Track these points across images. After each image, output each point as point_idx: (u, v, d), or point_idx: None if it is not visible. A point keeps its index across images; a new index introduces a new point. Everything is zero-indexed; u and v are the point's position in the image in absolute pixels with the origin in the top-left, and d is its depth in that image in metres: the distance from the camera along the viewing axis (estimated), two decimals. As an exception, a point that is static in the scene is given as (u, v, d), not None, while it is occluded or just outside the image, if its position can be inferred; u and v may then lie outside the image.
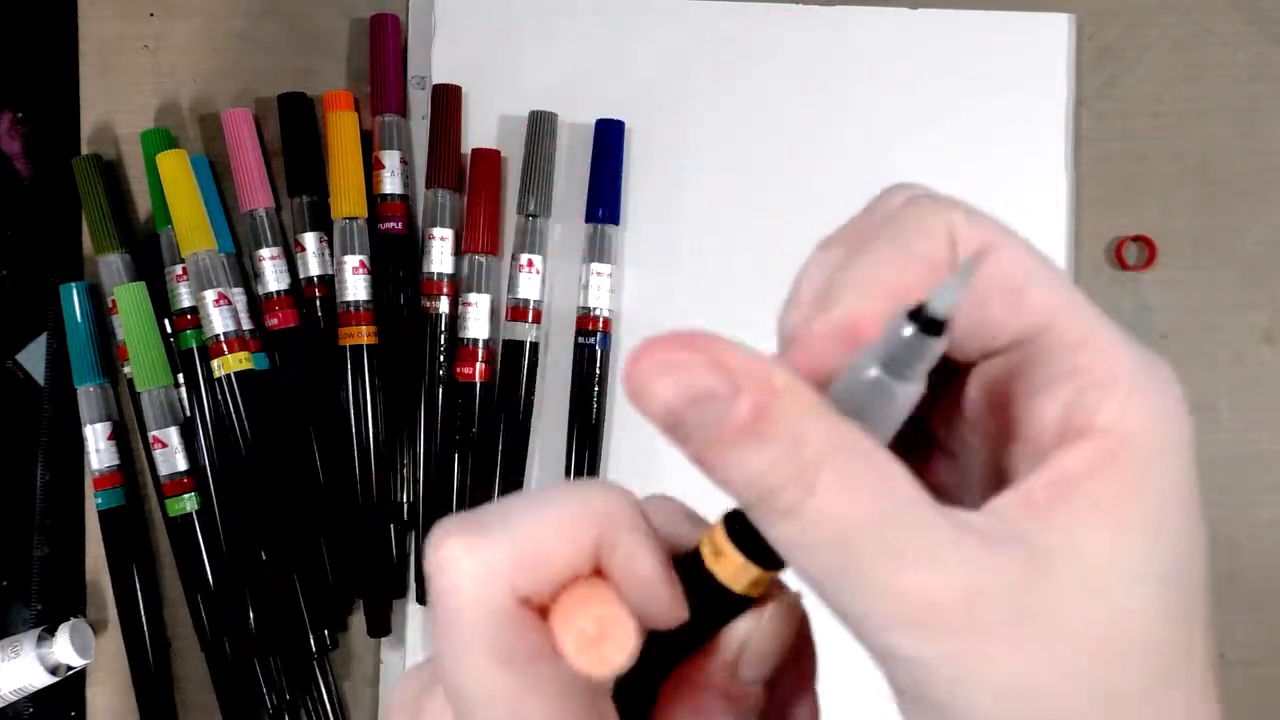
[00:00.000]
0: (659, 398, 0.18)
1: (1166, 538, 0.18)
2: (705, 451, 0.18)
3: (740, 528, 0.20)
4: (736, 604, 0.21)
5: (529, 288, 0.53)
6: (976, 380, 0.21)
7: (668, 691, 0.22)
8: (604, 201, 0.53)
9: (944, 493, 0.20)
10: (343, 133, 0.53)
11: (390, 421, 0.53)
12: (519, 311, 0.53)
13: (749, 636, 0.21)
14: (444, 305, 0.54)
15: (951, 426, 0.22)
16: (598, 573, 0.19)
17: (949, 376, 0.22)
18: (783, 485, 0.18)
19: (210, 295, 0.51)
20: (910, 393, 0.18)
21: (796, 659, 0.22)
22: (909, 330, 0.18)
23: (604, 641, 0.18)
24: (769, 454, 0.18)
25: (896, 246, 0.20)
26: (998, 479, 0.20)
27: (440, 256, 0.53)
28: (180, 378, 0.53)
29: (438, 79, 0.55)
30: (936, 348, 0.18)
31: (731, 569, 0.20)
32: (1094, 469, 0.18)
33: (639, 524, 0.20)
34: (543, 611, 0.19)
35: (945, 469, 0.23)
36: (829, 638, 0.22)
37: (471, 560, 0.18)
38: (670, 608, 0.20)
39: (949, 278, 0.18)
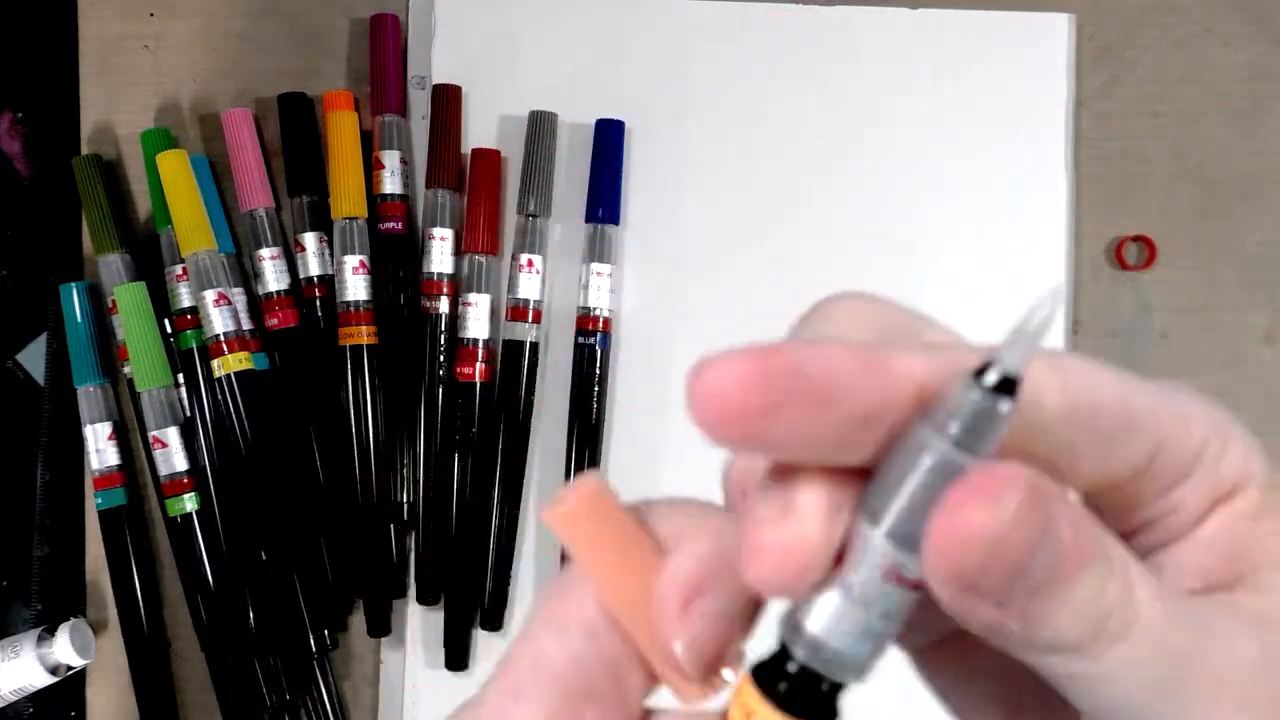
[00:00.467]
0: (1008, 550, 0.15)
1: None
2: (1032, 604, 0.15)
3: (778, 684, 0.17)
4: None
5: (529, 288, 0.53)
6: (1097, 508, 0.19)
7: None
8: (604, 201, 0.53)
9: None
10: (343, 133, 0.53)
11: (390, 421, 0.53)
12: (519, 311, 0.53)
13: None
14: (444, 305, 0.54)
15: None
16: None
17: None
18: (1118, 606, 0.16)
19: (210, 295, 0.51)
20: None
21: None
22: (977, 394, 0.15)
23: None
24: (1098, 577, 0.16)
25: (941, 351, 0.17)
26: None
27: (440, 256, 0.53)
28: (180, 378, 0.53)
29: (438, 79, 0.55)
30: (1010, 412, 0.15)
31: None
32: (1248, 523, 0.18)
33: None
34: None
35: None
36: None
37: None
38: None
39: (1019, 329, 0.15)
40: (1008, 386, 0.15)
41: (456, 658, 0.53)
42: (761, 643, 0.18)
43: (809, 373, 0.15)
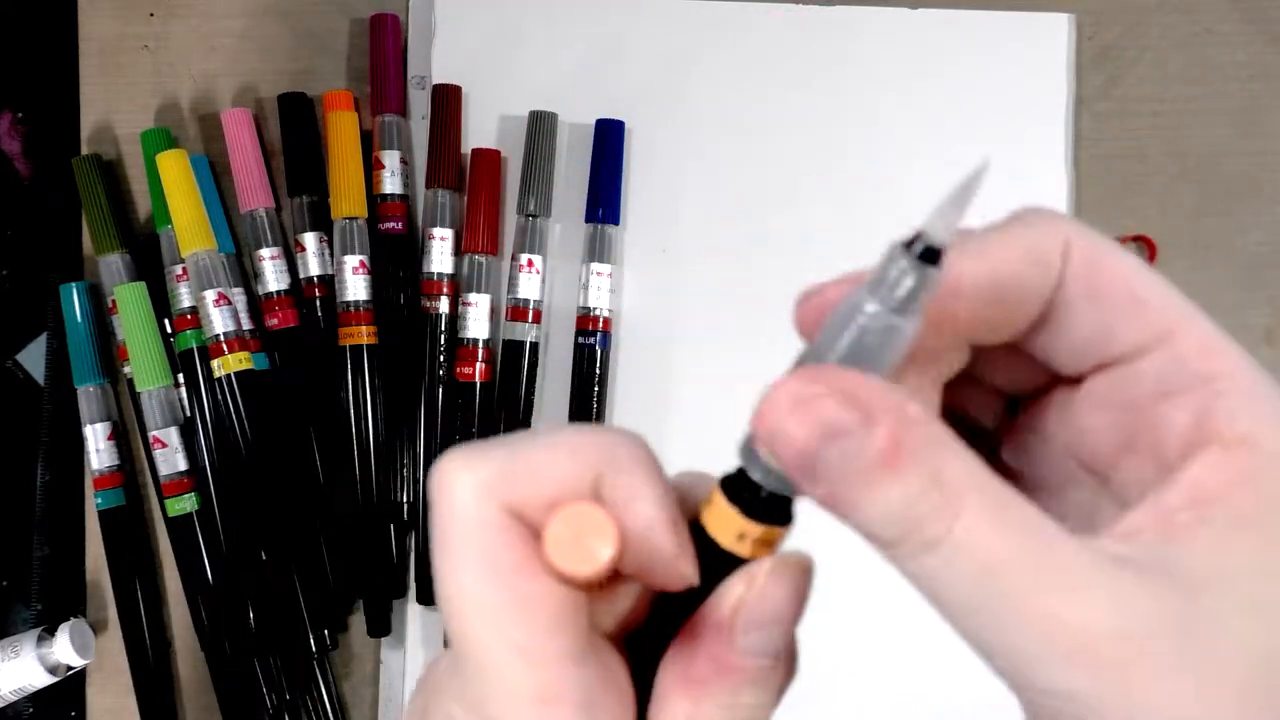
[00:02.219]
0: (792, 436, 0.17)
1: None
2: (841, 490, 0.17)
3: (737, 485, 0.19)
4: (735, 566, 0.20)
5: (529, 288, 0.53)
6: (1085, 397, 0.20)
7: (666, 662, 0.21)
8: (604, 201, 0.53)
9: None
10: (343, 133, 0.53)
11: (390, 421, 0.53)
12: (519, 311, 0.53)
13: (742, 599, 0.20)
14: (444, 305, 0.54)
15: (1036, 456, 0.22)
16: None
17: (1031, 403, 0.21)
18: (927, 518, 0.17)
19: (210, 295, 0.51)
20: (909, 329, 0.18)
21: None
22: (905, 260, 0.17)
23: (581, 540, 0.18)
24: (910, 487, 0.17)
25: (1007, 240, 0.20)
26: (1098, 503, 0.20)
27: (440, 256, 0.53)
28: (180, 378, 0.53)
29: (438, 79, 0.55)
30: (936, 278, 0.17)
31: (723, 523, 0.19)
32: (1235, 482, 0.17)
33: (647, 465, 0.19)
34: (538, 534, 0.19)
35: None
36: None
37: (468, 474, 0.19)
38: (670, 558, 0.19)
39: (943, 204, 0.17)
40: (932, 256, 0.17)
41: (456, 658, 0.53)
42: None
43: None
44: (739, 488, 0.19)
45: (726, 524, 0.19)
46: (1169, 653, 0.17)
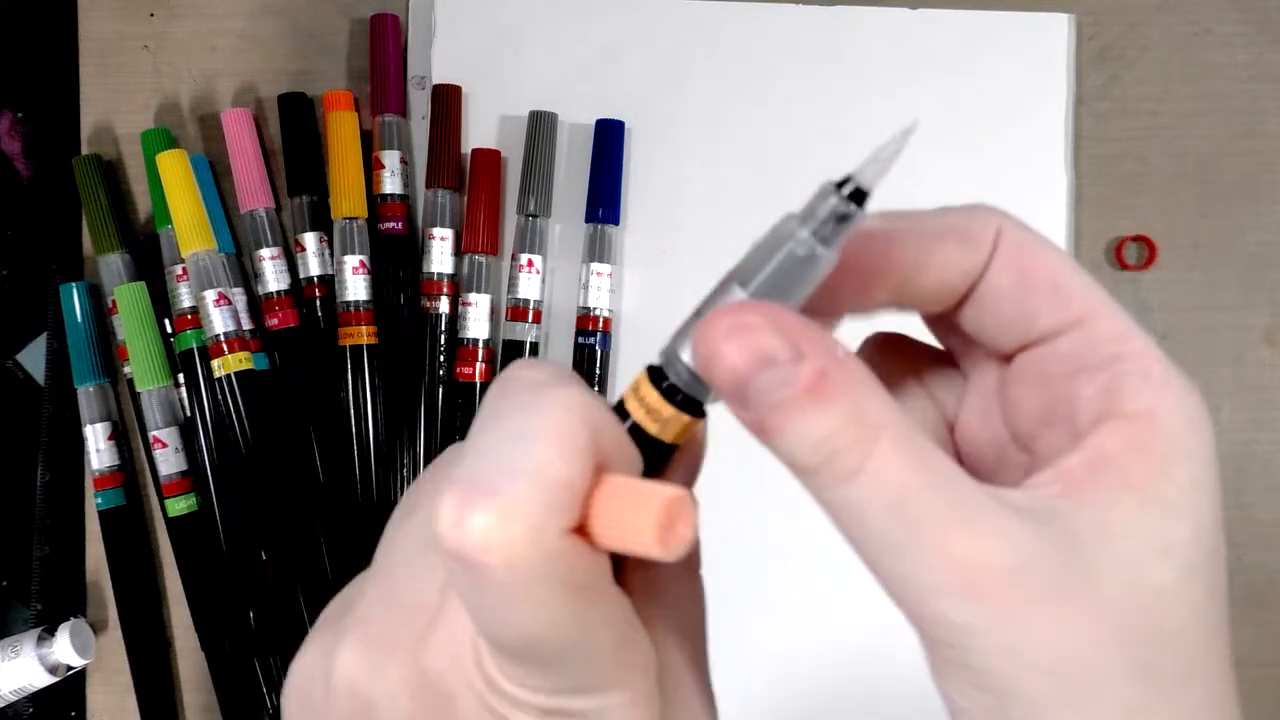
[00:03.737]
0: (727, 359, 0.19)
1: (1193, 526, 0.19)
2: (769, 416, 0.19)
3: (659, 378, 0.21)
4: (666, 452, 0.22)
5: (529, 288, 0.53)
6: (1014, 373, 0.22)
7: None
8: (604, 201, 0.53)
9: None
10: (343, 133, 0.53)
11: (390, 421, 0.53)
12: (519, 311, 0.53)
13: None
14: (444, 305, 0.54)
15: (978, 430, 0.23)
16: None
17: (972, 380, 0.23)
18: (845, 449, 0.18)
19: (210, 295, 0.51)
20: (829, 259, 0.19)
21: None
22: (834, 199, 0.19)
23: (675, 523, 0.19)
24: (832, 418, 0.18)
25: (942, 219, 0.22)
26: (1028, 467, 0.21)
27: (440, 256, 0.53)
28: (180, 378, 0.53)
29: (438, 79, 0.55)
30: (859, 217, 0.19)
31: (669, 425, 0.21)
32: (1129, 450, 0.19)
33: (612, 417, 0.20)
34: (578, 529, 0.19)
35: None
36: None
37: (515, 527, 0.18)
38: (637, 468, 0.21)
39: (874, 154, 0.19)
40: (859, 197, 0.19)
41: (456, 658, 0.53)
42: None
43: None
44: (659, 381, 0.21)
45: (670, 426, 0.21)
46: (1051, 592, 0.18)
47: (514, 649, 0.19)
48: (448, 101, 0.54)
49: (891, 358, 0.25)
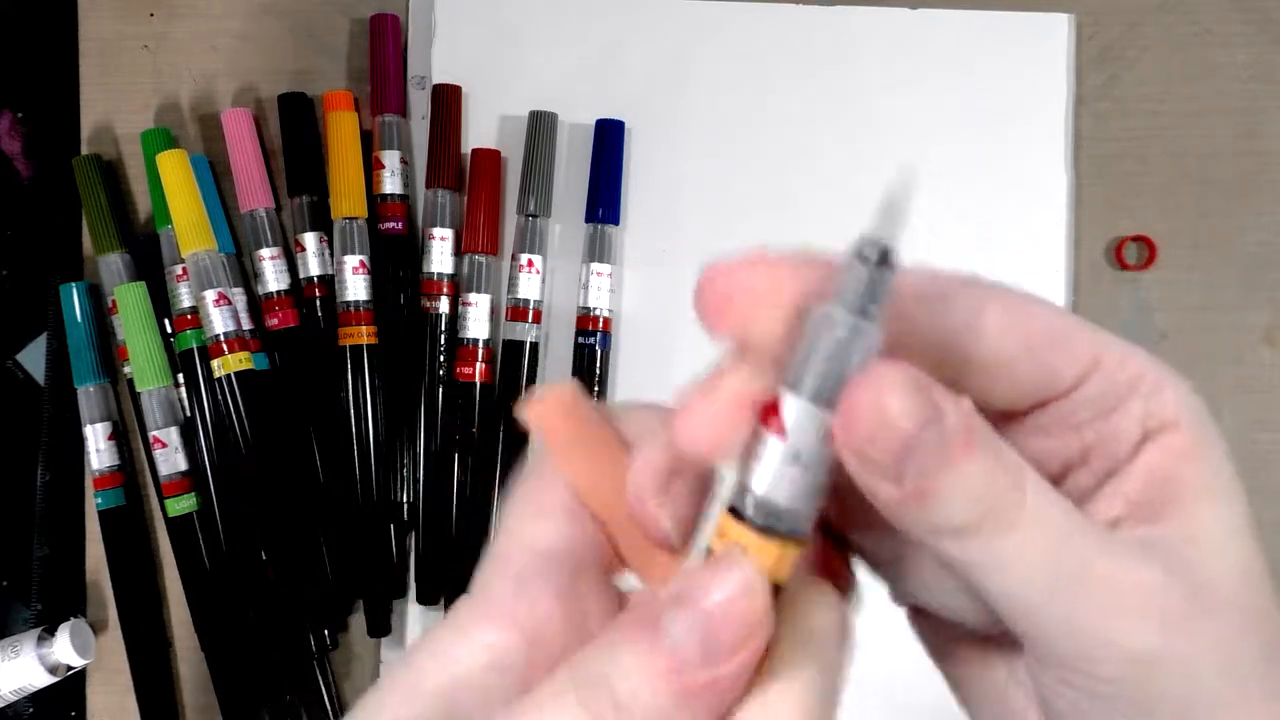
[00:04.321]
0: (896, 427, 0.17)
1: (1240, 498, 0.20)
2: (923, 481, 0.18)
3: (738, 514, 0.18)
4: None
5: (529, 288, 0.53)
6: (1031, 428, 0.21)
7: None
8: (604, 201, 0.53)
9: None
10: (343, 133, 0.53)
11: (390, 421, 0.53)
12: (519, 311, 0.53)
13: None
14: (444, 305, 0.54)
15: None
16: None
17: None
18: (1001, 496, 0.18)
19: (210, 295, 0.51)
20: (874, 334, 0.18)
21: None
22: (863, 268, 0.18)
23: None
24: (986, 466, 0.18)
25: (927, 301, 0.20)
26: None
27: (440, 256, 0.53)
28: (180, 378, 0.53)
29: (438, 79, 0.55)
30: (891, 279, 0.18)
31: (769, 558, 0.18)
32: (1177, 460, 0.20)
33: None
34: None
35: None
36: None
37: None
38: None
39: (883, 210, 0.18)
40: (885, 258, 0.18)
41: (456, 658, 0.53)
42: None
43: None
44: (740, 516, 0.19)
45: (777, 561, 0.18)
46: (1196, 608, 0.19)
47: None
48: (448, 101, 0.54)
49: None
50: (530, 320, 0.53)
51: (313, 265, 0.54)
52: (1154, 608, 0.18)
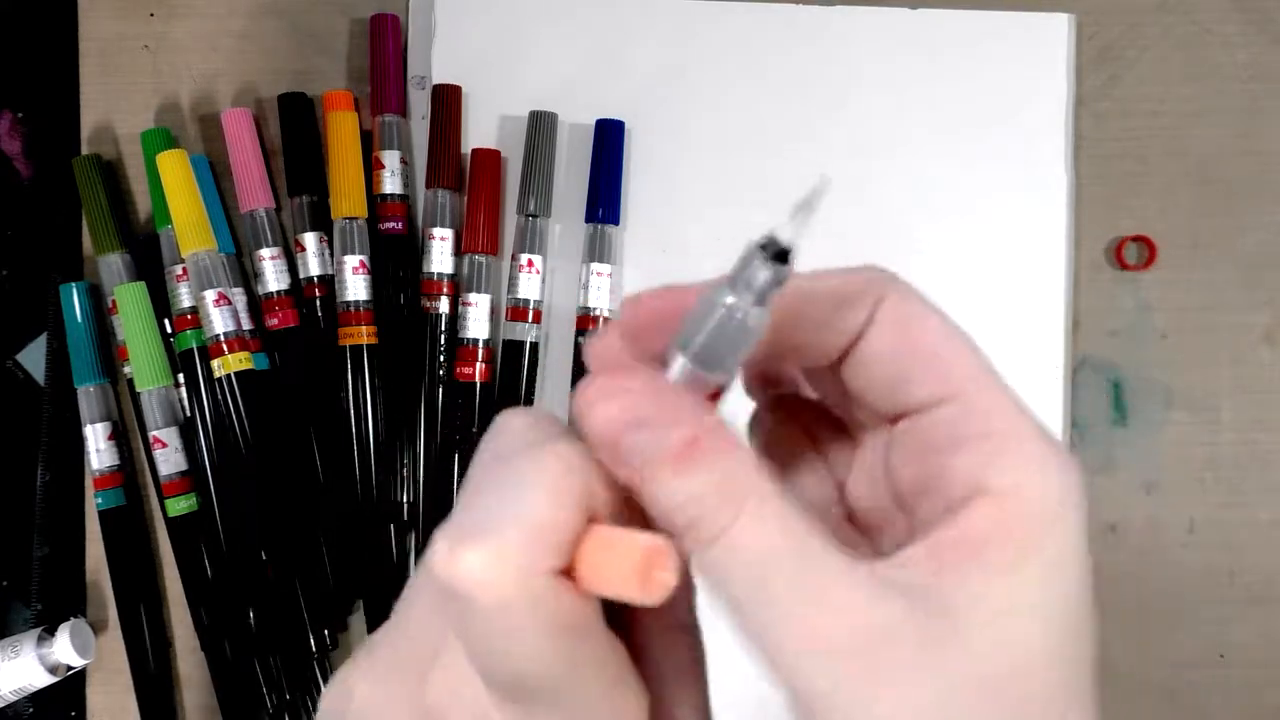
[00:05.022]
0: (598, 416, 0.20)
1: (1060, 594, 0.20)
2: (641, 474, 0.20)
3: None
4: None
5: (529, 288, 0.53)
6: (894, 441, 0.23)
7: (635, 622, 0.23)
8: (604, 201, 0.53)
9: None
10: (343, 133, 0.53)
11: (390, 421, 0.53)
12: (519, 311, 0.53)
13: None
14: (444, 305, 0.54)
15: (867, 493, 0.24)
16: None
17: (861, 444, 0.24)
18: (710, 514, 0.19)
19: (210, 295, 0.51)
20: (761, 317, 0.20)
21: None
22: (759, 259, 0.20)
23: (654, 569, 0.19)
24: (699, 482, 0.19)
25: (824, 286, 0.22)
26: (903, 531, 0.22)
27: (440, 256, 0.53)
28: (180, 378, 0.53)
29: (438, 79, 0.55)
30: (784, 274, 0.20)
31: None
32: (997, 529, 0.20)
33: (602, 472, 0.21)
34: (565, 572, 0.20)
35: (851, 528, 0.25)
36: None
37: (504, 565, 0.19)
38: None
39: (793, 212, 0.20)
40: (783, 256, 0.20)
41: (456, 658, 0.53)
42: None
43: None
44: None
45: None
46: (912, 658, 0.19)
47: (506, 685, 0.20)
48: (448, 101, 0.54)
49: (790, 419, 0.26)
50: (530, 320, 0.53)
51: (313, 265, 0.54)
52: (834, 647, 0.19)
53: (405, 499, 0.54)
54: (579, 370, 0.53)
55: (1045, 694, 0.20)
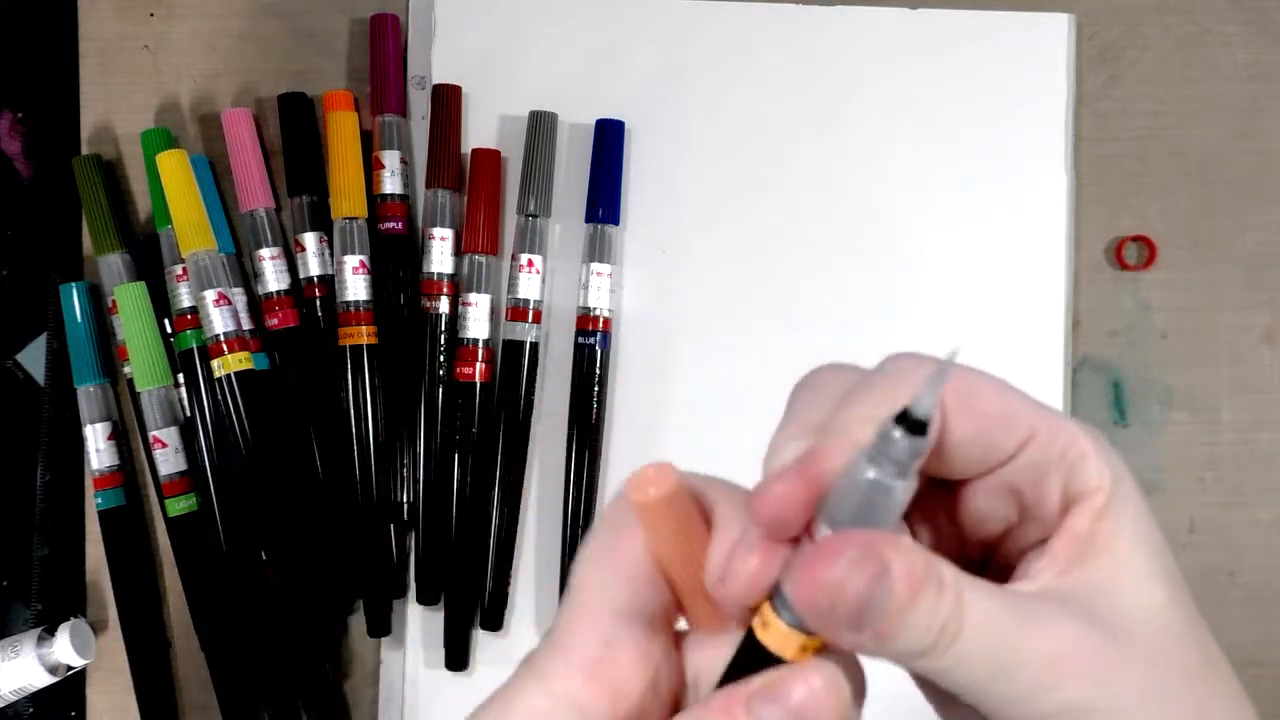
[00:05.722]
0: (852, 592, 0.20)
1: (1153, 545, 0.23)
2: (881, 627, 0.21)
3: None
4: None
5: (529, 288, 0.53)
6: (974, 491, 0.24)
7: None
8: (604, 201, 0.53)
9: None
10: (343, 133, 0.53)
11: (390, 421, 0.53)
12: (519, 311, 0.53)
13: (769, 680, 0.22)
14: (444, 305, 0.54)
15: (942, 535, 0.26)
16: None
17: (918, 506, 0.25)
18: (948, 618, 0.21)
19: (210, 295, 0.51)
20: (907, 488, 0.21)
21: None
22: (899, 432, 0.20)
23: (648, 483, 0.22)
24: (930, 600, 0.21)
25: (887, 387, 0.23)
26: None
27: (440, 256, 0.53)
28: (180, 378, 0.53)
29: (438, 79, 0.55)
30: (924, 445, 0.21)
31: (779, 638, 0.22)
32: (1094, 521, 0.23)
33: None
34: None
35: None
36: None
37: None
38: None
39: (924, 387, 0.21)
40: (920, 428, 0.20)
41: (456, 658, 0.53)
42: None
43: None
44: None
45: (787, 641, 0.22)
46: (1110, 652, 0.21)
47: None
48: (448, 101, 0.54)
49: None
50: (530, 320, 0.53)
51: (313, 265, 0.54)
52: (1076, 660, 0.21)
53: (405, 499, 0.54)
54: (579, 370, 0.53)
55: (1186, 635, 0.23)
